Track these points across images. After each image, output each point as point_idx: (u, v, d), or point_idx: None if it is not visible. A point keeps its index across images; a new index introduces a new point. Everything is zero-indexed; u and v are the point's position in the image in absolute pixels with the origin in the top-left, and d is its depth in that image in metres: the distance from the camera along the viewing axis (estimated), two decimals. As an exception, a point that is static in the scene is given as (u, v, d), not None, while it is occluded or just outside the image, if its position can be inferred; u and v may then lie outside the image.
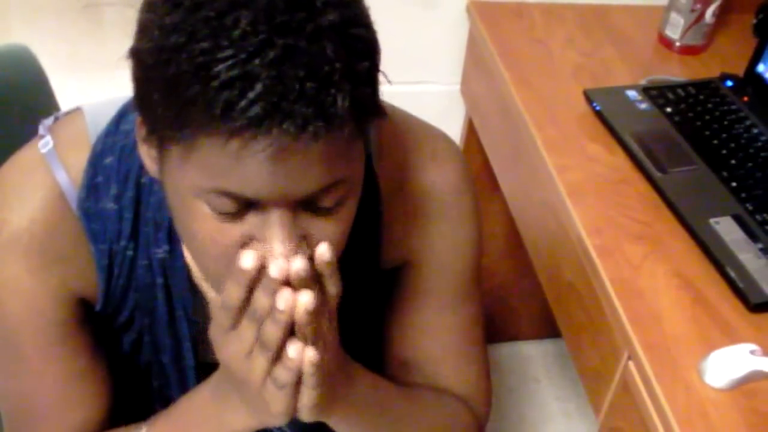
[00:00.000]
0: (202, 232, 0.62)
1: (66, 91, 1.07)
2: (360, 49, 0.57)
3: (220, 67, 0.53)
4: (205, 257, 0.65)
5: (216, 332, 0.65)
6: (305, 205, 0.61)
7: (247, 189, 0.58)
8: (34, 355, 0.78)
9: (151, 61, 0.56)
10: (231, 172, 0.57)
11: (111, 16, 1.29)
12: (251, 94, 0.53)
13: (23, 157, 0.76)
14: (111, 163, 0.73)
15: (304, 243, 0.62)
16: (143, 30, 0.58)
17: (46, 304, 0.75)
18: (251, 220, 0.61)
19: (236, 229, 0.61)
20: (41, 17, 1.43)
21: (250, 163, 0.56)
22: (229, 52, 0.53)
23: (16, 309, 0.75)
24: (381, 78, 0.61)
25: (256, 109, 0.53)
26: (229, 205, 0.59)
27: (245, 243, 0.62)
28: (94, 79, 1.20)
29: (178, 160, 0.59)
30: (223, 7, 0.54)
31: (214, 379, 0.74)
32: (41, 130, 0.76)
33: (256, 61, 0.53)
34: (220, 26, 0.53)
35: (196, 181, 0.59)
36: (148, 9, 0.58)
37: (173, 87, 0.55)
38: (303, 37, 0.54)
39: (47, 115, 0.78)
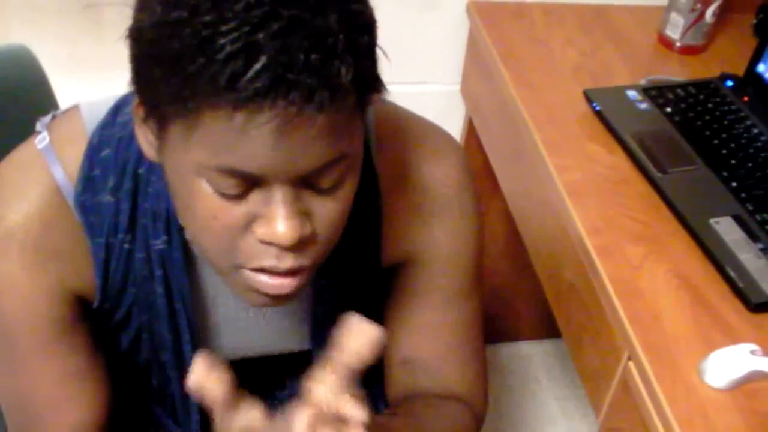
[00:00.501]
0: (204, 210, 0.62)
1: (66, 91, 1.07)
2: (360, 24, 0.57)
3: (225, 39, 0.53)
4: (206, 237, 0.64)
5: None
6: (307, 184, 0.61)
7: (252, 164, 0.58)
8: (30, 354, 0.77)
9: (152, 36, 0.56)
10: (236, 147, 0.57)
11: (111, 16, 1.29)
12: (256, 66, 0.53)
13: (20, 154, 0.76)
14: (108, 155, 0.73)
15: (307, 220, 0.62)
16: (143, 7, 0.58)
17: (41, 302, 0.75)
18: (254, 199, 0.61)
19: (239, 208, 0.61)
20: (41, 17, 1.43)
21: (255, 136, 0.56)
22: (233, 24, 0.53)
23: (11, 307, 0.75)
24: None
25: (261, 80, 0.53)
26: (232, 184, 0.59)
27: (248, 221, 0.62)
28: (94, 79, 1.20)
29: (180, 137, 0.59)
30: None
31: None
32: (38, 126, 0.76)
33: (261, 33, 0.53)
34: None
35: (199, 158, 0.59)
36: None
37: (176, 61, 0.55)
38: (307, 9, 0.54)
39: (47, 115, 0.78)
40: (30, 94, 1.04)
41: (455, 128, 1.66)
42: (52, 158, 0.74)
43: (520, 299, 1.92)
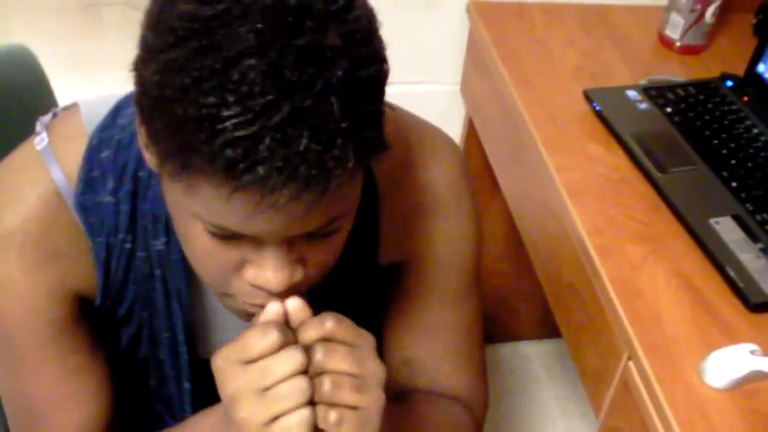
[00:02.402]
0: (199, 248, 0.63)
1: (66, 91, 1.07)
2: (368, 92, 0.56)
3: (226, 124, 0.52)
4: (201, 268, 0.66)
5: (225, 363, 0.63)
6: (301, 236, 0.61)
7: (247, 230, 0.58)
8: (31, 354, 0.78)
9: (156, 93, 0.55)
10: (231, 216, 0.57)
11: (111, 16, 1.29)
12: (255, 156, 0.52)
13: (19, 155, 0.76)
14: (107, 156, 0.73)
15: (298, 266, 0.63)
16: (146, 52, 0.56)
17: (41, 303, 0.75)
18: (246, 246, 0.61)
19: (232, 252, 0.62)
20: (41, 17, 1.42)
21: (249, 211, 0.56)
22: (235, 110, 0.52)
23: (11, 308, 0.75)
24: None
25: (259, 171, 0.53)
26: (225, 234, 0.60)
27: (240, 263, 0.63)
28: (94, 79, 1.20)
29: (177, 186, 0.59)
30: (231, 54, 0.52)
31: (224, 409, 0.73)
32: (38, 127, 0.76)
33: (262, 123, 0.52)
34: (226, 78, 0.52)
35: (195, 211, 0.59)
36: (151, 28, 0.57)
37: (178, 126, 0.54)
38: (311, 97, 0.53)
39: (47, 114, 0.78)
40: (30, 94, 1.04)
41: (455, 128, 1.66)
42: (51, 159, 0.74)
43: (520, 299, 1.92)
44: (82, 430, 0.81)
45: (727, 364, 0.89)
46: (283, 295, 0.64)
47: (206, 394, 0.77)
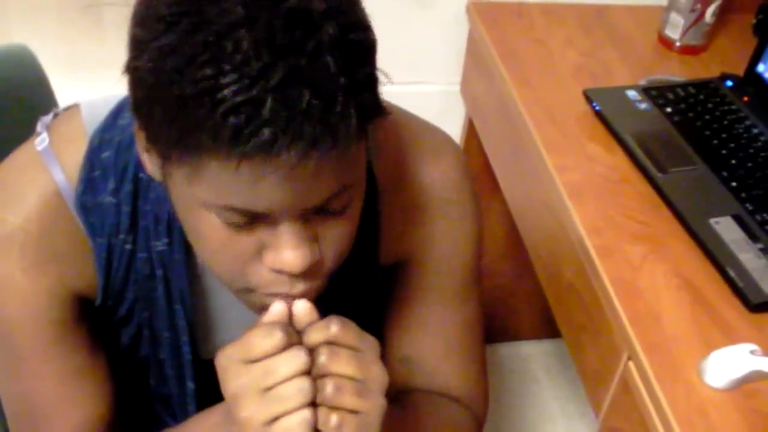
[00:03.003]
0: (213, 240, 0.62)
1: (66, 91, 1.07)
2: (360, 56, 0.57)
3: (225, 92, 0.52)
4: (216, 264, 0.65)
5: (228, 361, 0.64)
6: (314, 210, 0.61)
7: (258, 206, 0.58)
8: (32, 355, 0.78)
9: (151, 80, 0.55)
10: (241, 193, 0.57)
11: (111, 16, 1.29)
12: (258, 120, 0.53)
13: (20, 156, 0.76)
14: (108, 157, 0.73)
15: (315, 245, 0.63)
16: (138, 47, 0.57)
17: (42, 303, 0.75)
18: (261, 229, 0.61)
19: (247, 239, 0.62)
20: (41, 17, 1.43)
21: (260, 184, 0.56)
22: (232, 77, 0.52)
23: (12, 309, 0.75)
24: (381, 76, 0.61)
25: (265, 134, 0.53)
26: (238, 218, 0.60)
27: (257, 250, 0.62)
28: (94, 79, 1.20)
29: (184, 177, 0.59)
30: (222, 29, 0.53)
31: (225, 408, 0.72)
32: (39, 127, 0.76)
33: (261, 86, 0.52)
34: (220, 50, 0.53)
35: (204, 197, 0.59)
36: (140, 24, 0.57)
37: (178, 109, 0.54)
38: (305, 56, 0.53)
39: (48, 114, 0.78)
40: (30, 94, 1.04)
41: (455, 128, 1.66)
42: (52, 160, 0.74)
43: (520, 299, 1.92)
44: (83, 430, 0.81)
45: (727, 364, 0.89)
46: (303, 276, 0.63)
47: (208, 394, 0.77)
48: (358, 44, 0.57)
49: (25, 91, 1.04)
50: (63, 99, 1.03)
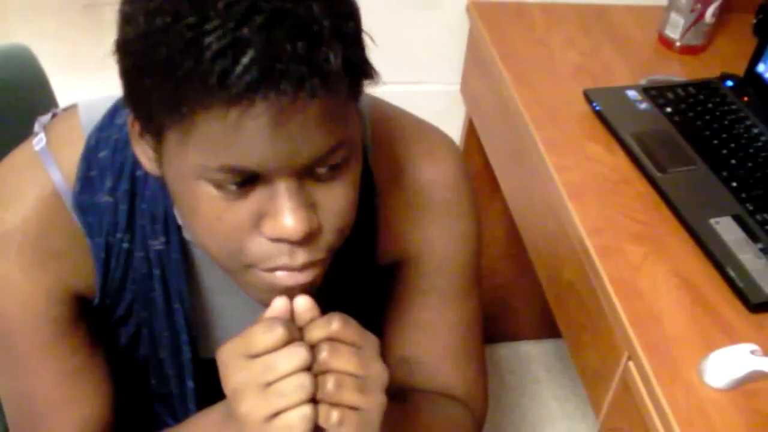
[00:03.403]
0: (209, 213, 0.62)
1: (66, 91, 1.07)
2: (344, 11, 0.57)
3: (210, 38, 0.53)
4: (213, 240, 0.64)
5: (229, 356, 0.64)
6: (309, 173, 0.61)
7: (251, 160, 0.58)
8: (30, 355, 0.78)
9: (140, 46, 0.56)
10: (232, 145, 0.57)
11: (111, 16, 1.29)
12: (244, 60, 0.53)
13: (17, 156, 0.76)
14: (105, 156, 0.73)
15: (313, 212, 0.62)
16: (127, 20, 0.58)
17: (40, 303, 0.75)
18: (257, 196, 0.61)
19: (243, 206, 0.61)
20: (41, 17, 1.42)
21: (250, 131, 0.56)
22: (216, 22, 0.53)
23: (11, 308, 0.75)
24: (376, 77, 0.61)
25: (251, 74, 0.53)
26: (233, 183, 0.59)
27: (254, 221, 0.62)
28: (94, 79, 1.20)
29: (177, 145, 0.59)
30: None
31: (225, 406, 0.72)
32: (36, 127, 0.77)
33: (245, 28, 0.53)
34: (203, 2, 0.54)
35: (197, 162, 0.59)
36: (128, 1, 0.59)
37: (166, 68, 0.55)
38: (288, 0, 0.54)
39: (47, 114, 0.78)
40: (30, 94, 1.04)
41: (455, 128, 1.66)
42: (49, 160, 0.74)
43: (520, 299, 1.92)
44: (82, 430, 0.81)
45: (727, 364, 0.89)
46: (303, 244, 0.62)
47: (208, 393, 0.77)
48: (342, 1, 0.58)
49: (25, 91, 1.04)
50: (63, 99, 1.03)
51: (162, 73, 0.55)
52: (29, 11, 1.42)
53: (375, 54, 0.61)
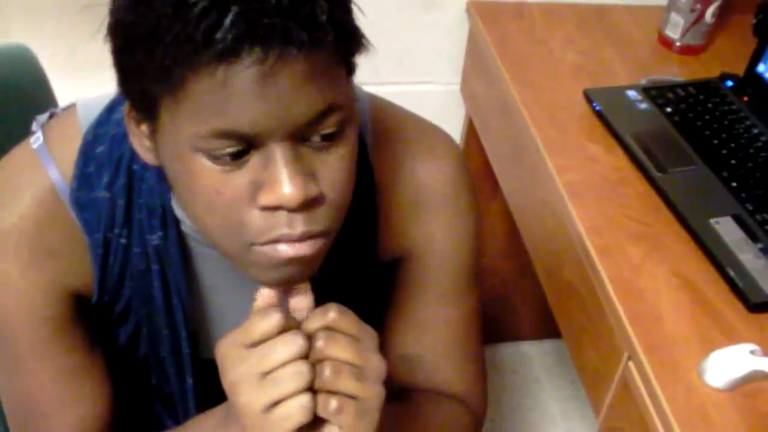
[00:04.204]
0: (206, 187, 0.61)
1: (66, 91, 1.07)
2: None
3: None
4: (212, 216, 0.63)
5: (228, 348, 0.64)
6: (304, 139, 0.60)
7: (243, 121, 0.57)
8: (29, 354, 0.78)
9: (129, 19, 0.57)
10: (223, 106, 0.57)
11: (111, 16, 1.29)
12: (229, 16, 0.53)
13: (15, 155, 0.76)
14: (102, 151, 0.73)
15: (311, 180, 0.61)
16: (114, 6, 0.59)
17: (37, 302, 0.75)
18: (254, 165, 0.60)
19: (240, 177, 0.60)
20: (41, 17, 1.42)
21: (239, 88, 0.56)
22: None
23: (8, 307, 0.75)
24: (374, 77, 0.61)
25: (236, 29, 0.54)
26: (228, 150, 0.59)
27: (251, 192, 0.61)
28: (94, 79, 1.20)
29: (170, 117, 0.59)
30: None
31: (224, 407, 0.73)
32: (34, 126, 0.77)
33: None
34: None
35: (191, 131, 0.58)
36: None
37: (154, 35, 0.55)
38: None
39: (45, 113, 0.78)
40: (30, 94, 1.04)
41: (455, 128, 1.66)
42: (47, 158, 0.74)
43: (520, 299, 1.92)
44: (81, 429, 0.81)
45: (727, 364, 0.89)
46: (303, 211, 0.61)
47: (208, 393, 0.77)
48: None
49: (25, 91, 1.04)
50: (63, 99, 1.03)
51: (151, 41, 0.55)
52: (29, 11, 1.42)
53: (375, 54, 0.61)
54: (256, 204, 0.61)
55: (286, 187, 0.59)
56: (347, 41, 0.60)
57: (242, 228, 0.62)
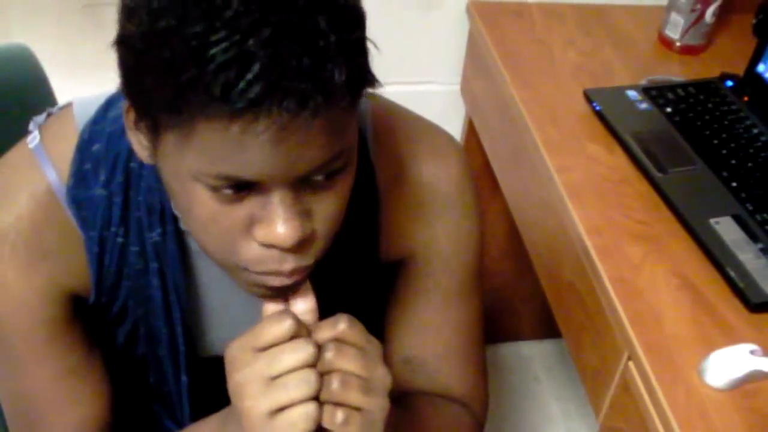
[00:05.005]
0: (203, 215, 0.61)
1: (66, 91, 1.07)
2: (350, 20, 0.57)
3: (216, 49, 0.52)
4: (207, 239, 0.64)
5: (238, 351, 0.64)
6: (305, 181, 0.60)
7: (249, 171, 0.57)
8: (26, 355, 0.77)
9: (141, 45, 0.56)
10: (232, 156, 0.56)
11: (111, 16, 1.29)
12: (249, 75, 0.53)
13: (12, 155, 0.76)
14: (99, 149, 0.73)
15: (307, 220, 0.62)
16: (129, 15, 0.57)
17: (34, 303, 0.75)
18: (252, 201, 0.60)
19: (237, 211, 0.61)
20: (41, 17, 1.42)
21: (251, 146, 0.55)
22: (222, 34, 0.52)
23: (5, 308, 0.75)
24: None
25: (255, 90, 0.53)
26: (229, 188, 0.59)
27: (247, 224, 0.61)
28: (94, 79, 1.20)
29: (174, 145, 0.58)
30: None
31: (223, 412, 0.73)
32: (31, 126, 0.77)
33: (251, 41, 0.52)
34: (211, 8, 0.53)
35: (195, 166, 0.58)
36: None
37: (168, 70, 0.54)
38: (296, 13, 0.54)
39: (42, 114, 0.78)
40: (30, 94, 1.04)
41: (455, 128, 1.66)
42: (43, 157, 0.74)
43: (520, 299, 1.92)
44: (81, 430, 0.81)
45: (727, 364, 0.89)
46: (294, 252, 0.62)
47: (205, 392, 0.77)
48: (350, 8, 0.57)
49: (25, 91, 1.04)
50: (63, 99, 1.02)
51: (163, 75, 0.55)
52: (29, 11, 1.42)
53: (375, 54, 0.61)
54: (251, 236, 0.62)
55: (282, 228, 0.60)
56: (362, 88, 0.59)
57: (235, 254, 0.63)
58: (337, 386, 0.62)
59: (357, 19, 0.58)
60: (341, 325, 0.64)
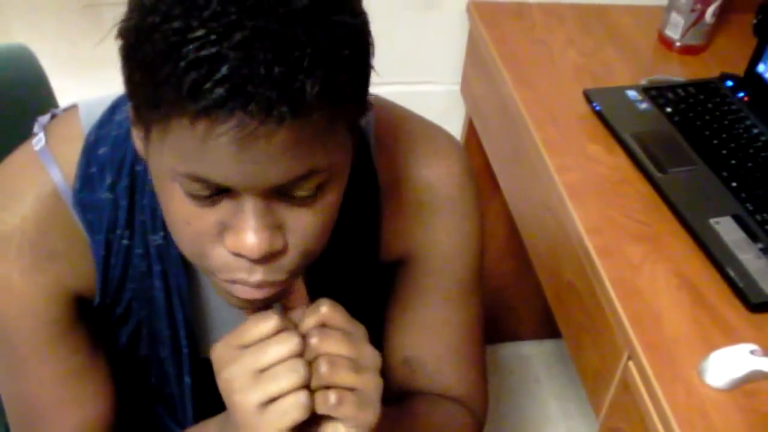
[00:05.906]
0: (178, 214, 0.62)
1: (66, 91, 1.07)
2: (341, 36, 0.56)
3: (190, 47, 0.53)
4: (181, 240, 0.64)
5: (223, 349, 0.64)
6: (280, 194, 0.60)
7: (216, 174, 0.57)
8: (31, 356, 0.77)
9: (132, 40, 0.56)
10: (199, 156, 0.56)
11: (111, 16, 1.29)
12: (217, 75, 0.52)
13: (17, 157, 0.76)
14: (104, 152, 0.73)
15: (278, 233, 0.61)
16: (129, 9, 0.58)
17: (39, 304, 0.75)
18: (225, 207, 0.60)
19: (210, 215, 0.61)
20: (41, 17, 1.42)
21: (215, 146, 0.55)
22: (199, 33, 0.53)
23: (10, 309, 0.75)
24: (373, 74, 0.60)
25: (220, 91, 0.53)
26: (201, 190, 0.59)
27: (219, 230, 0.61)
28: (94, 79, 1.20)
29: (157, 141, 0.59)
30: None
31: (224, 414, 0.72)
32: (36, 128, 0.77)
33: (225, 43, 0.52)
34: (192, 6, 0.53)
35: (170, 164, 0.59)
36: None
37: (149, 67, 0.55)
38: (274, 20, 0.53)
39: (46, 114, 0.78)
40: (30, 94, 1.04)
41: (455, 128, 1.66)
42: (49, 159, 0.74)
43: (520, 299, 1.92)
44: (83, 431, 0.81)
45: (727, 364, 0.89)
46: (263, 264, 0.62)
47: (207, 393, 0.77)
48: (340, 24, 0.56)
49: (25, 91, 1.04)
50: (63, 99, 1.03)
51: (146, 71, 0.55)
52: (29, 11, 1.42)
53: (375, 54, 0.61)
54: (221, 242, 0.62)
55: (250, 238, 0.59)
56: (344, 105, 0.58)
57: (206, 258, 0.63)
58: (325, 369, 0.62)
59: (350, 36, 0.57)
60: (323, 308, 0.64)
